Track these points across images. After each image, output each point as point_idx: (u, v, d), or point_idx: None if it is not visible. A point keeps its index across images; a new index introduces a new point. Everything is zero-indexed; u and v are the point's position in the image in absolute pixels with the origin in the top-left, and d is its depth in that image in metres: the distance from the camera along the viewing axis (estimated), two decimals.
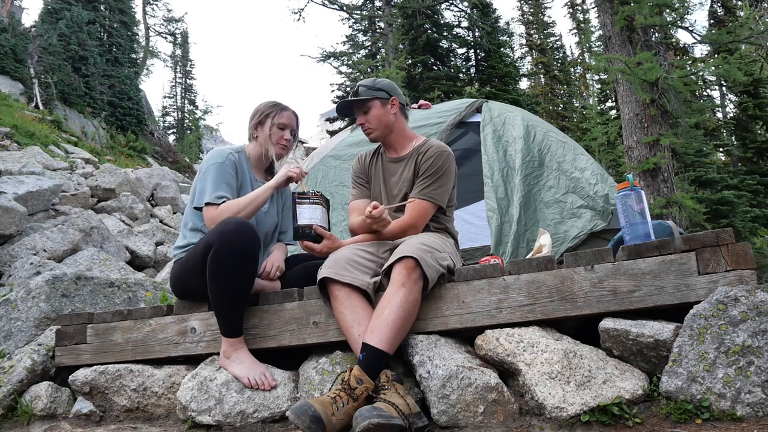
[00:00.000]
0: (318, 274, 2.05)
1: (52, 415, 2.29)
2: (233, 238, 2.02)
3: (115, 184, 8.40)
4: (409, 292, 1.90)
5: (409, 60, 18.79)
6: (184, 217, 2.43)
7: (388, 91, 2.42)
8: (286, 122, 2.46)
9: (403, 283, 1.90)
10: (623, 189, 2.08)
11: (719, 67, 7.73)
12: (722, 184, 11.73)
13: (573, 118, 26.40)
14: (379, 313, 1.89)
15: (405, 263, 1.91)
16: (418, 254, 1.92)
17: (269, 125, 2.44)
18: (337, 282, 2.00)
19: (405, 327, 1.91)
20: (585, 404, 1.64)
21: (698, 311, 1.65)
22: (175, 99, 34.77)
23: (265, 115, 2.46)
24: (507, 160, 3.41)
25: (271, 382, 2.01)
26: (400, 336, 1.89)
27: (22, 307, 2.79)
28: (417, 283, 1.92)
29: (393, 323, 1.85)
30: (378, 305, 1.93)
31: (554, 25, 31.78)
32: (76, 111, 19.17)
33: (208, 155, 2.41)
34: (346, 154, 3.73)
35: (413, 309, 1.92)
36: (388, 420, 1.63)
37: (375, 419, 1.61)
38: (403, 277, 1.91)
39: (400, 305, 1.87)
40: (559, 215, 3.14)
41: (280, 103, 2.50)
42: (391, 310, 1.87)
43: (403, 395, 1.76)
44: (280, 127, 2.45)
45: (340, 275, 2.00)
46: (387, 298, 1.91)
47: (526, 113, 3.72)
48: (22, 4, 26.33)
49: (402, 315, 1.87)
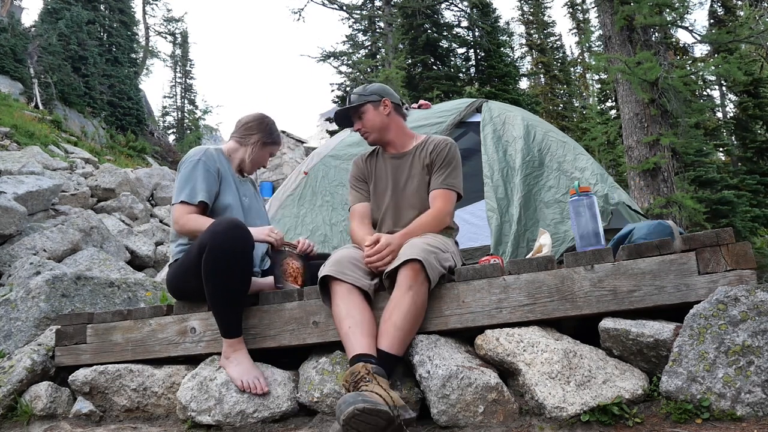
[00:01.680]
0: (319, 273, 2.05)
1: (52, 415, 2.29)
2: (226, 237, 2.03)
3: (115, 184, 8.40)
4: (416, 295, 1.91)
5: (409, 60, 18.78)
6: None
7: (378, 93, 2.46)
8: (274, 153, 2.60)
9: (410, 287, 1.91)
10: (573, 196, 2.17)
11: (719, 66, 7.74)
12: (722, 183, 11.74)
13: (573, 117, 26.39)
14: (387, 317, 1.90)
15: (411, 266, 1.91)
16: (423, 256, 1.92)
17: (268, 150, 2.56)
18: (339, 280, 2.01)
19: (414, 330, 1.93)
20: (585, 404, 1.64)
21: (698, 311, 1.65)
22: (175, 99, 34.74)
23: (272, 141, 2.55)
24: (507, 160, 3.41)
25: (264, 387, 2.01)
26: (409, 339, 1.91)
27: (22, 307, 2.79)
28: (423, 285, 1.93)
29: (402, 328, 1.87)
30: (386, 309, 1.93)
31: (554, 25, 31.80)
32: (76, 111, 19.16)
33: (187, 154, 2.43)
34: (346, 154, 3.73)
35: (421, 311, 1.94)
36: (375, 405, 1.59)
37: (360, 404, 1.57)
38: (410, 280, 1.91)
39: (409, 309, 1.89)
40: (559, 215, 3.14)
41: (277, 132, 2.59)
42: (400, 314, 1.88)
43: (386, 388, 1.70)
44: (271, 155, 2.59)
45: (343, 274, 2.01)
46: (395, 302, 1.91)
47: (526, 113, 3.72)
48: (22, 4, 26.32)
49: (411, 319, 1.89)
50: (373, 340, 1.88)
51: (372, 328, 1.91)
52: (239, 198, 2.46)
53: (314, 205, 3.60)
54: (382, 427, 1.61)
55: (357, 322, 1.91)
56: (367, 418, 1.59)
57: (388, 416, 1.61)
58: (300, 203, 3.63)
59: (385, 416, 1.60)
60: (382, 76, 16.96)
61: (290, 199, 3.68)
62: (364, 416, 1.58)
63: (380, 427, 1.61)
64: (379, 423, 1.61)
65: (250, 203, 2.52)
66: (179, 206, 2.29)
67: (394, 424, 1.63)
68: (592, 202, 2.15)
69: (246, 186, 2.56)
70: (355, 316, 1.92)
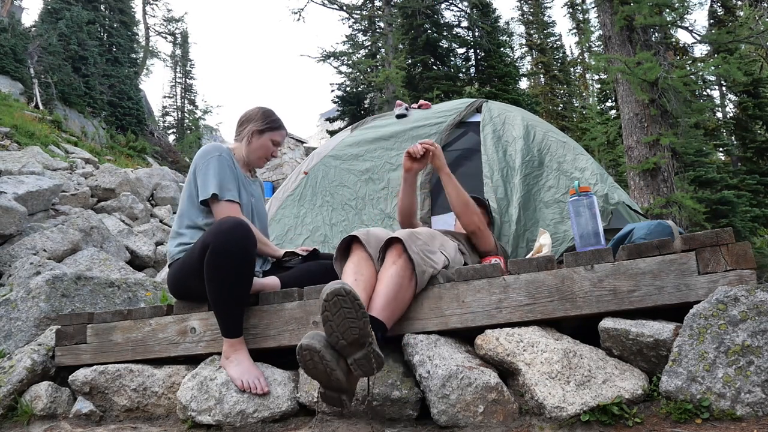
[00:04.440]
0: (351, 233, 2.12)
1: (52, 415, 2.29)
2: (230, 237, 2.03)
3: (115, 184, 8.40)
4: (400, 269, 1.94)
5: (409, 60, 18.79)
6: (177, 217, 2.42)
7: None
8: (280, 140, 2.55)
9: (393, 262, 1.96)
10: (573, 196, 2.18)
11: (719, 66, 7.73)
12: (722, 183, 11.74)
13: (573, 118, 26.37)
14: (375, 290, 1.94)
15: (396, 246, 1.98)
16: (404, 236, 1.99)
17: (267, 137, 2.51)
18: (361, 246, 2.05)
19: (398, 300, 1.93)
20: (585, 404, 1.64)
21: (698, 311, 1.65)
22: (175, 99, 34.74)
23: (267, 126, 2.51)
24: (507, 160, 3.40)
25: (264, 387, 2.01)
26: (392, 310, 1.91)
27: (22, 307, 2.79)
28: (408, 263, 1.96)
29: (386, 295, 1.90)
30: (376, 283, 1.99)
31: (554, 25, 31.78)
32: (76, 111, 19.17)
33: (204, 150, 2.41)
34: (346, 154, 3.73)
35: (405, 284, 1.95)
36: (358, 297, 1.65)
37: (348, 287, 1.64)
38: (393, 256, 1.98)
39: (390, 278, 1.92)
40: (559, 215, 3.13)
41: (279, 119, 2.56)
42: (383, 284, 1.93)
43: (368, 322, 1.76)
44: (274, 143, 2.53)
45: (368, 243, 2.06)
46: (380, 275, 1.98)
47: (526, 113, 3.72)
48: (22, 4, 26.33)
49: (395, 288, 1.92)
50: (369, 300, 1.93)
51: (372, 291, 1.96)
52: (249, 198, 2.48)
53: (314, 205, 3.59)
54: (353, 335, 1.64)
55: (363, 278, 1.96)
56: (346, 304, 1.63)
57: (364, 324, 1.65)
58: (300, 203, 3.63)
59: (362, 320, 1.65)
60: (382, 76, 16.97)
61: (290, 199, 3.68)
62: (346, 301, 1.63)
63: (353, 332, 1.64)
64: (353, 323, 1.64)
65: (256, 204, 2.55)
66: (221, 204, 2.27)
67: (364, 346, 1.66)
68: (592, 202, 2.16)
69: (254, 186, 2.58)
70: (364, 274, 1.97)
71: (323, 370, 1.66)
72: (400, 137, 3.65)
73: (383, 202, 3.46)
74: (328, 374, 1.67)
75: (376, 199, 3.48)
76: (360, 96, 20.36)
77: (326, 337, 1.67)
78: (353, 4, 20.69)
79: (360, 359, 1.67)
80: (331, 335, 1.65)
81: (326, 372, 1.66)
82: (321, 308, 1.66)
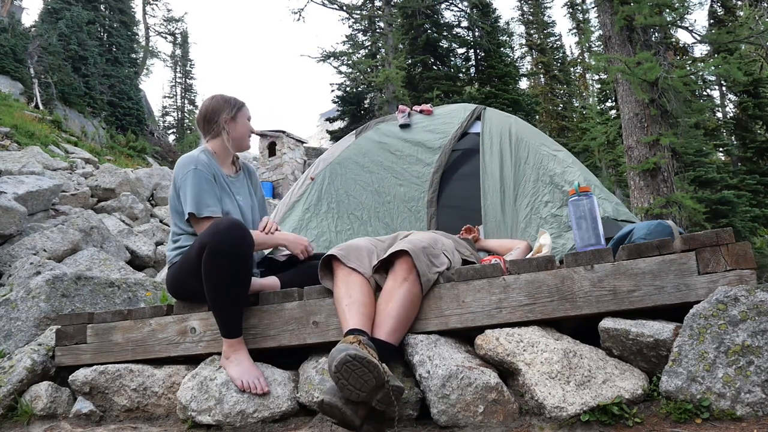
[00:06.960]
0: (327, 251, 2.11)
1: (52, 414, 2.29)
2: (226, 237, 2.03)
3: (115, 184, 8.40)
4: (412, 285, 1.93)
5: (409, 60, 18.80)
6: (172, 224, 2.43)
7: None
8: (250, 115, 2.57)
9: (405, 278, 1.94)
10: (573, 195, 2.18)
11: (719, 66, 7.73)
12: (722, 183, 11.74)
13: (573, 117, 26.38)
14: (383, 307, 1.92)
15: (406, 259, 1.96)
16: (411, 248, 1.97)
17: (241, 118, 2.51)
18: (341, 263, 2.05)
19: (409, 319, 1.94)
20: (585, 404, 1.64)
21: (698, 311, 1.65)
22: (175, 99, 34.77)
23: (237, 110, 2.50)
24: (503, 177, 3.39)
25: (264, 387, 2.01)
26: (404, 329, 1.92)
27: (22, 307, 2.79)
28: (418, 278, 1.95)
29: (397, 316, 1.89)
30: (380, 298, 1.96)
31: (554, 25, 31.80)
32: (76, 111, 19.17)
33: (180, 162, 2.36)
34: (352, 164, 3.72)
35: (416, 301, 1.96)
36: (366, 356, 1.61)
37: (352, 352, 1.60)
38: (404, 271, 1.95)
39: (404, 297, 1.91)
40: (557, 229, 3.13)
41: (232, 98, 2.54)
42: (395, 304, 1.90)
43: (377, 357, 1.70)
44: (248, 119, 2.55)
45: (346, 258, 2.06)
46: (390, 291, 1.94)
47: (521, 124, 3.69)
48: (22, 4, 26.32)
49: (407, 306, 1.91)
50: (369, 321, 1.90)
51: (370, 310, 1.93)
52: (235, 199, 2.45)
53: (319, 210, 3.61)
54: (371, 385, 1.62)
55: (354, 301, 1.93)
56: (357, 367, 1.60)
57: (378, 373, 1.62)
58: (305, 208, 3.65)
59: (375, 371, 1.61)
60: (382, 76, 16.97)
61: (297, 205, 3.71)
62: (355, 365, 1.60)
63: (369, 384, 1.62)
64: (368, 378, 1.61)
65: (244, 201, 2.51)
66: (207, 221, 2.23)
67: (383, 387, 1.64)
68: (592, 201, 2.15)
69: (238, 183, 2.53)
70: (353, 296, 1.95)
71: (343, 420, 1.68)
72: (405, 156, 3.64)
73: (389, 216, 3.49)
74: (349, 425, 1.69)
75: (382, 213, 3.51)
76: (360, 96, 20.39)
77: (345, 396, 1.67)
78: (353, 4, 20.71)
79: (381, 399, 1.67)
80: (350, 394, 1.65)
81: (346, 422, 1.68)
82: (333, 377, 1.64)
